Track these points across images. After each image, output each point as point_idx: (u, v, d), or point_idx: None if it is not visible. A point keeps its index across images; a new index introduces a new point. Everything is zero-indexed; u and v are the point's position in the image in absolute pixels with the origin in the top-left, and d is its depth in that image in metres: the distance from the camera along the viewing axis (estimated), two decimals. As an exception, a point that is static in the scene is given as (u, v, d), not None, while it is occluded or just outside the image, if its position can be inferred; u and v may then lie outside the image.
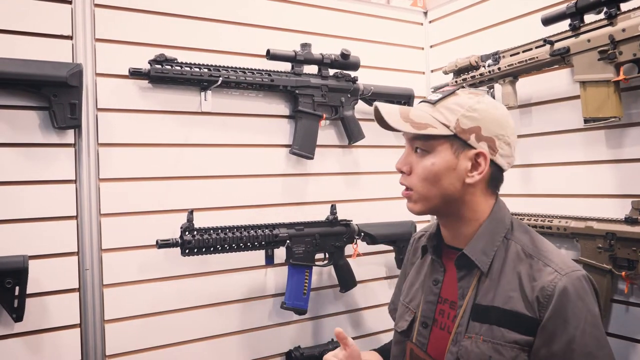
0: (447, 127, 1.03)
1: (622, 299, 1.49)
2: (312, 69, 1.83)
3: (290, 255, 1.70)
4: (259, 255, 1.68)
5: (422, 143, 1.06)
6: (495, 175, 1.08)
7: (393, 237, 1.91)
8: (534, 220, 1.64)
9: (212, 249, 1.53)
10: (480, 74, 1.76)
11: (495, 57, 1.72)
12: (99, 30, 1.51)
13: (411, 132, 1.04)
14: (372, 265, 1.99)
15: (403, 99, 2.02)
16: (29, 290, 1.34)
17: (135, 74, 1.50)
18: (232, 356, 1.69)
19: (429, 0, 2.20)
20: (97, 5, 1.51)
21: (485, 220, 1.08)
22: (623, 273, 1.42)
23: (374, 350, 1.39)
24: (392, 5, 2.13)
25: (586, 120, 1.48)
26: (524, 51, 1.64)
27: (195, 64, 1.58)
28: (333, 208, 1.78)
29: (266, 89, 1.73)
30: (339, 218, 1.79)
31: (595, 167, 1.58)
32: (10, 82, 1.35)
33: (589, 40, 1.45)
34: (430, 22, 2.19)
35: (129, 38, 1.56)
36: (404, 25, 2.14)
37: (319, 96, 1.82)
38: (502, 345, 0.99)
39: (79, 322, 1.47)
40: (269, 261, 1.67)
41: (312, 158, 1.81)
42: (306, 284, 1.70)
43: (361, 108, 1.95)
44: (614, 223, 1.45)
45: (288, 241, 1.67)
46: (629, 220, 1.41)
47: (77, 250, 1.47)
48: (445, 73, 1.90)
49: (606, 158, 1.56)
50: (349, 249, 1.84)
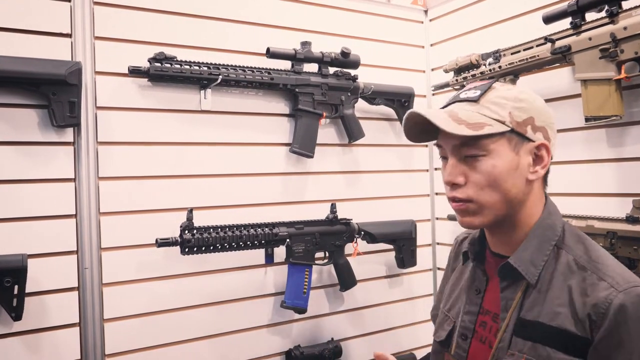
0: (502, 122, 0.92)
1: (623, 298, 1.48)
2: (312, 67, 1.83)
3: (290, 254, 1.69)
4: (258, 254, 1.67)
5: (475, 147, 0.93)
6: (549, 167, 1.00)
7: (393, 236, 1.91)
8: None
9: (211, 247, 1.53)
10: (481, 73, 1.76)
11: (496, 55, 1.71)
12: (98, 28, 1.51)
13: (469, 134, 0.90)
14: (372, 264, 1.99)
15: (403, 98, 2.01)
16: (28, 289, 1.34)
17: (134, 72, 1.50)
18: (232, 355, 1.69)
19: (430, -1, 2.20)
20: (96, 3, 1.51)
21: (534, 226, 0.99)
22: (624, 272, 1.41)
23: None
24: (392, 4, 2.12)
25: (587, 119, 1.47)
26: (524, 49, 1.63)
27: (194, 62, 1.57)
28: (333, 207, 1.78)
29: (266, 88, 1.73)
30: (339, 217, 1.78)
31: (596, 166, 1.58)
32: (9, 80, 1.34)
33: (590, 39, 1.44)
34: (430, 20, 2.18)
35: (128, 36, 1.55)
36: (404, 23, 2.14)
37: (319, 95, 1.81)
38: None
39: (78, 321, 1.46)
40: (269, 260, 1.67)
41: (312, 157, 1.80)
42: (306, 283, 1.70)
43: (361, 107, 1.95)
44: (615, 222, 1.44)
45: (288, 240, 1.67)
46: (630, 219, 1.40)
47: (76, 249, 1.47)
48: (446, 71, 1.90)
49: (607, 157, 1.55)
50: (349, 248, 1.83)
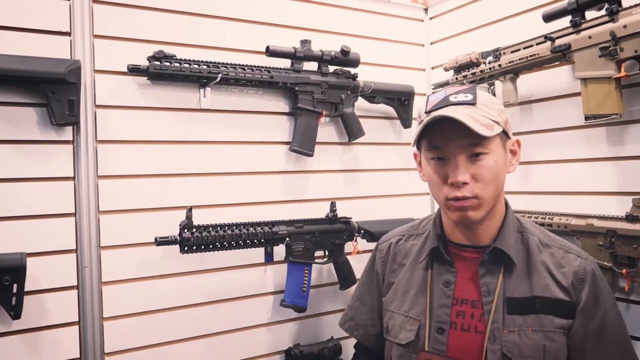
0: (498, 123, 1.02)
1: (623, 296, 1.48)
2: (312, 65, 1.83)
3: (289, 252, 1.69)
4: (258, 253, 1.67)
5: (482, 146, 1.01)
6: None
7: (393, 235, 1.91)
8: (535, 217, 1.63)
9: (211, 246, 1.53)
10: (481, 71, 1.75)
11: (496, 53, 1.71)
12: (98, 26, 1.51)
13: (488, 135, 0.99)
14: (371, 263, 1.99)
15: (403, 96, 2.01)
16: (27, 288, 1.34)
17: (134, 70, 1.50)
18: (231, 354, 1.69)
19: (430, -3, 2.19)
20: (96, 1, 1.50)
21: (506, 215, 1.12)
22: (624, 271, 1.41)
23: None
24: (392, 2, 2.12)
25: (587, 117, 1.47)
26: (524, 48, 1.63)
27: (194, 60, 1.57)
28: (333, 205, 1.78)
29: (266, 86, 1.72)
30: (339, 215, 1.78)
31: (596, 165, 1.58)
32: (7, 79, 1.34)
33: (590, 37, 1.44)
34: (430, 18, 2.18)
35: (127, 34, 1.55)
36: (404, 22, 2.13)
37: (319, 93, 1.81)
38: (553, 332, 1.03)
39: (77, 319, 1.46)
40: (269, 259, 1.67)
41: (311, 155, 1.80)
42: (306, 282, 1.70)
43: (361, 105, 1.95)
44: (614, 220, 1.44)
45: (287, 239, 1.67)
46: (629, 218, 1.40)
47: (75, 248, 1.46)
48: (446, 70, 1.89)
49: (607, 155, 1.55)
50: (348, 247, 1.83)
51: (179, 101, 1.62)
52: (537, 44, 1.59)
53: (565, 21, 1.50)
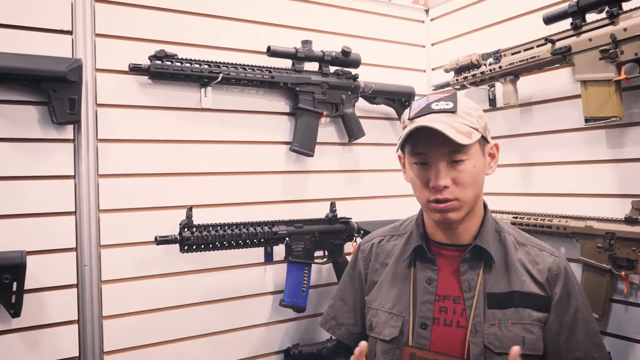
0: (476, 129, 1.07)
1: (622, 298, 1.49)
2: (313, 66, 1.83)
3: (289, 252, 1.69)
4: (258, 253, 1.68)
5: (462, 153, 1.07)
6: None
7: (392, 236, 1.91)
8: (534, 219, 1.64)
9: (210, 245, 1.53)
10: (481, 73, 1.76)
11: (497, 55, 1.72)
12: (99, 25, 1.51)
13: (468, 143, 1.04)
14: (371, 264, 1.99)
15: (404, 97, 2.01)
16: (26, 286, 1.34)
17: (135, 69, 1.50)
18: (231, 353, 1.69)
19: (431, -2, 2.20)
20: (98, 0, 1.50)
21: (485, 215, 1.18)
22: (623, 273, 1.42)
23: None
24: (393, 3, 2.12)
25: (587, 120, 1.47)
26: (525, 50, 1.63)
27: (195, 60, 1.57)
28: (332, 206, 1.78)
29: (266, 86, 1.73)
30: (339, 216, 1.78)
31: (596, 167, 1.58)
32: (9, 77, 1.34)
33: (590, 40, 1.44)
34: (431, 20, 2.18)
35: (129, 33, 1.55)
36: (405, 22, 2.14)
37: (320, 93, 1.81)
38: (531, 324, 1.09)
39: (76, 318, 1.46)
40: (268, 258, 1.67)
41: (312, 155, 1.80)
42: (305, 282, 1.70)
43: (362, 106, 1.95)
44: (613, 223, 1.44)
45: (287, 238, 1.67)
46: (628, 220, 1.41)
47: (75, 246, 1.47)
48: (446, 71, 1.90)
49: (607, 158, 1.55)
50: (348, 247, 1.83)
51: (180, 100, 1.63)
52: (538, 46, 1.59)
53: (566, 24, 1.51)
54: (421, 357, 1.11)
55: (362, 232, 1.82)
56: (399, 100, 2.01)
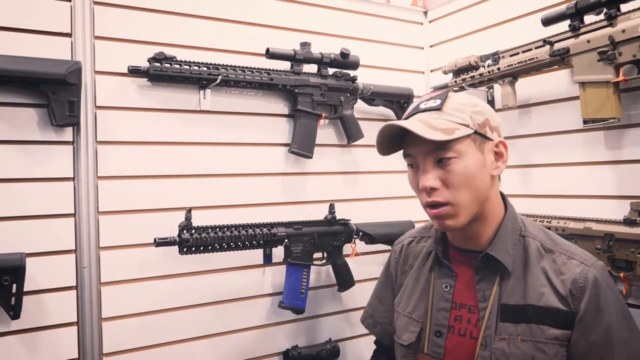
0: (467, 125, 1.00)
1: (620, 300, 1.49)
2: (312, 68, 1.83)
3: (288, 254, 1.69)
4: (257, 254, 1.68)
5: (447, 151, 1.00)
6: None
7: (391, 237, 1.90)
8: (533, 220, 1.63)
9: (210, 247, 1.53)
10: (480, 74, 1.76)
11: (495, 57, 1.72)
12: (98, 27, 1.51)
13: (444, 139, 0.97)
14: (370, 265, 1.99)
15: (402, 99, 2.01)
16: (26, 288, 1.34)
17: (134, 72, 1.50)
18: (230, 355, 1.69)
19: (429, 0, 2.20)
20: (97, 2, 1.51)
21: (504, 219, 1.08)
22: (621, 274, 1.42)
23: None
24: (392, 5, 2.12)
25: (585, 121, 1.47)
26: (523, 51, 1.64)
27: (194, 62, 1.58)
28: (331, 207, 1.78)
29: (265, 88, 1.73)
30: (338, 217, 1.79)
31: (594, 168, 1.58)
32: (8, 79, 1.34)
33: (588, 41, 1.45)
34: (430, 21, 2.18)
35: (128, 36, 1.55)
36: (403, 24, 2.14)
37: (318, 95, 1.82)
38: (544, 343, 0.98)
39: (76, 319, 1.46)
40: (267, 260, 1.67)
41: (311, 157, 1.80)
42: (304, 283, 1.70)
43: (360, 107, 1.95)
44: (612, 224, 1.44)
45: (286, 240, 1.67)
46: (627, 222, 1.41)
47: (74, 248, 1.47)
48: (445, 73, 1.90)
49: (605, 159, 1.55)
50: (347, 249, 1.84)
51: (179, 102, 1.63)
52: (536, 48, 1.59)
53: (564, 25, 1.51)
54: None
55: (361, 233, 1.82)
56: (398, 102, 2.01)
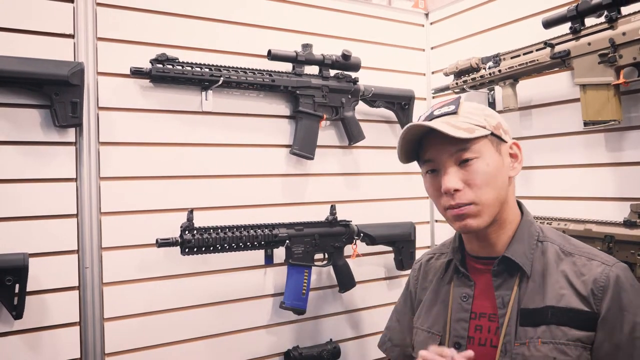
0: (483, 127, 1.02)
1: (620, 301, 1.49)
2: (313, 69, 1.84)
3: (289, 255, 1.70)
4: (258, 255, 1.68)
5: (469, 151, 1.01)
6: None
7: (392, 238, 1.91)
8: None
9: (211, 248, 1.54)
10: (481, 76, 1.76)
11: (496, 59, 1.72)
12: (101, 29, 1.52)
13: (468, 137, 0.99)
14: (371, 266, 1.99)
15: (404, 100, 2.02)
16: (29, 288, 1.35)
17: (136, 73, 1.51)
18: (231, 355, 1.70)
19: (430, 2, 2.20)
20: (99, 4, 1.51)
21: (520, 223, 1.09)
22: (621, 276, 1.42)
23: None
24: (393, 7, 2.13)
25: (586, 123, 1.48)
26: (524, 54, 1.64)
27: (196, 63, 1.58)
28: (333, 208, 1.79)
29: (267, 89, 1.73)
30: (339, 218, 1.79)
31: (595, 170, 1.59)
32: (11, 80, 1.35)
33: (589, 44, 1.45)
34: (431, 23, 2.19)
35: (130, 37, 1.56)
36: (405, 26, 2.14)
37: (320, 97, 1.82)
38: (566, 345, 0.96)
39: (78, 320, 1.47)
40: (269, 261, 1.68)
41: (312, 158, 1.81)
42: (305, 284, 1.71)
43: (362, 109, 1.96)
44: (612, 226, 1.45)
45: (287, 241, 1.68)
46: (627, 223, 1.41)
47: (77, 249, 1.47)
48: (446, 75, 1.90)
49: (606, 161, 1.56)
50: (348, 250, 1.84)
51: (181, 104, 1.63)
52: (537, 50, 1.60)
53: (565, 28, 1.51)
54: None
55: (362, 234, 1.83)
56: (399, 104, 2.02)
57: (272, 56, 1.70)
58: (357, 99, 1.91)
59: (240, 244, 1.59)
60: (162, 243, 1.47)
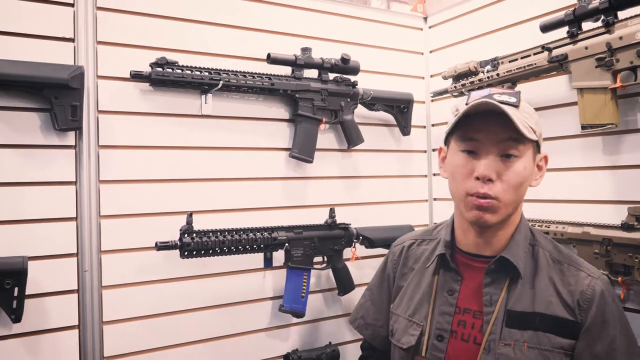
0: (534, 131, 1.02)
1: (619, 304, 1.50)
2: (312, 73, 1.84)
3: (288, 258, 1.70)
4: (257, 258, 1.68)
5: (516, 148, 1.00)
6: None
7: (391, 241, 1.87)
8: (531, 225, 1.64)
9: (210, 251, 1.54)
10: (479, 80, 1.77)
11: (494, 63, 1.73)
12: (101, 32, 1.52)
13: (527, 135, 0.98)
14: (370, 269, 1.99)
15: (402, 104, 2.02)
16: (27, 291, 1.35)
17: (136, 76, 1.51)
18: (230, 358, 1.70)
19: (429, 6, 2.21)
20: (99, 8, 1.52)
21: (519, 226, 1.10)
22: (619, 279, 1.43)
23: None
24: (392, 11, 2.14)
25: (583, 127, 1.49)
26: (522, 57, 1.65)
27: (196, 67, 1.59)
28: (332, 211, 1.79)
29: (266, 93, 1.74)
30: (338, 221, 1.79)
31: (592, 173, 1.59)
32: (11, 84, 1.35)
33: (586, 48, 1.46)
34: (430, 27, 2.20)
35: (130, 41, 1.57)
36: (404, 30, 2.15)
37: (319, 100, 1.83)
38: (550, 351, 0.99)
39: (77, 323, 1.47)
40: (268, 264, 1.68)
41: (311, 162, 1.81)
42: (304, 287, 1.71)
43: (361, 112, 1.96)
44: (610, 229, 1.45)
45: (287, 244, 1.68)
46: (625, 226, 1.42)
47: (76, 252, 1.47)
48: (445, 78, 1.91)
49: (603, 164, 1.57)
50: (347, 253, 1.84)
51: (181, 107, 1.64)
52: (535, 54, 1.61)
53: (563, 32, 1.52)
54: None
55: (361, 237, 1.83)
56: (398, 107, 2.02)
57: (271, 60, 1.71)
58: (356, 103, 1.92)
59: (240, 247, 1.59)
60: (162, 246, 1.47)
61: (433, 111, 2.18)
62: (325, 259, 1.80)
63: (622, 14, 1.39)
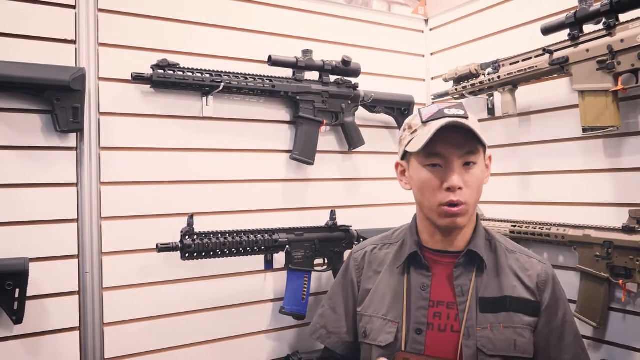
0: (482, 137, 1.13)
1: (620, 307, 1.49)
2: (313, 75, 1.85)
3: (289, 260, 1.70)
4: (258, 260, 1.68)
5: (475, 156, 1.13)
6: None
7: (392, 243, 1.91)
8: (532, 228, 1.65)
9: (211, 253, 1.54)
10: (480, 82, 1.77)
11: (495, 65, 1.73)
12: (102, 34, 1.52)
13: (484, 143, 1.11)
14: (370, 271, 1.99)
15: (403, 106, 2.03)
16: (29, 293, 1.35)
17: (137, 78, 1.51)
18: (231, 360, 1.70)
19: (430, 8, 2.22)
20: (101, 10, 1.52)
21: (477, 223, 1.23)
22: (620, 281, 1.43)
23: None
24: (393, 13, 2.14)
25: (584, 130, 1.49)
26: (523, 60, 1.65)
27: (197, 69, 1.59)
28: (332, 214, 1.79)
29: (267, 95, 1.74)
30: (339, 224, 1.79)
31: (594, 176, 1.59)
32: (13, 86, 1.35)
33: (587, 50, 1.46)
34: (431, 30, 2.20)
35: (132, 43, 1.57)
36: (405, 32, 2.16)
37: (320, 102, 1.83)
38: (522, 328, 1.14)
39: (78, 324, 1.47)
40: (268, 266, 1.68)
41: (312, 164, 1.81)
42: (305, 289, 1.71)
43: (361, 114, 1.97)
44: (611, 232, 1.45)
45: (287, 246, 1.68)
46: (626, 229, 1.42)
47: (77, 253, 1.47)
48: (446, 80, 1.91)
49: (604, 167, 1.57)
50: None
51: (182, 109, 1.64)
52: (536, 57, 1.61)
53: (564, 34, 1.52)
54: None
55: (361, 240, 1.83)
56: (399, 109, 2.02)
57: (272, 62, 1.71)
58: (357, 105, 1.92)
59: (240, 249, 1.59)
60: (162, 248, 1.47)
61: (434, 113, 2.18)
62: (326, 261, 1.80)
63: (623, 17, 1.39)
